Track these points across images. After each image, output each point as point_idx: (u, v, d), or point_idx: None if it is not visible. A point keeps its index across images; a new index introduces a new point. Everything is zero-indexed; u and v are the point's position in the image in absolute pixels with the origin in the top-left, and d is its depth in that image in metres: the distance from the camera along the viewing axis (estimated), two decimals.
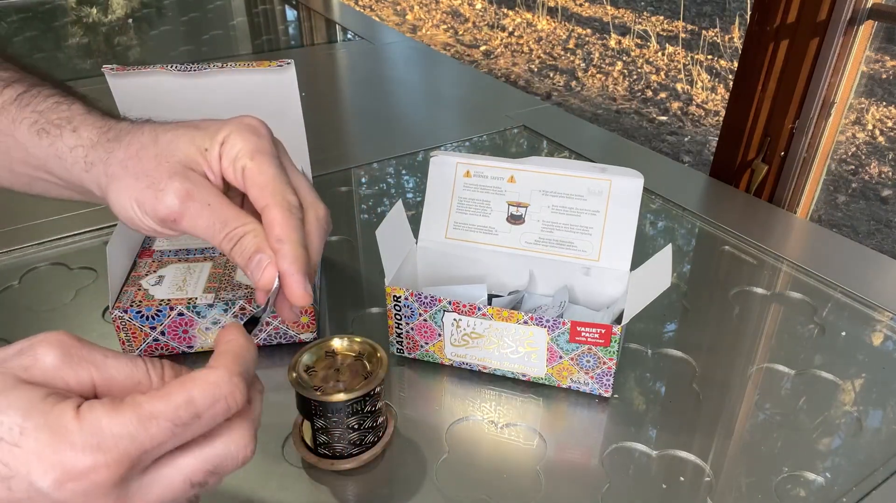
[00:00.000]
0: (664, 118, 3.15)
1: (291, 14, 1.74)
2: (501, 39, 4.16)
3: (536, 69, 3.74)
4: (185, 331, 0.59)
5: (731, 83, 0.96)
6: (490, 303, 0.64)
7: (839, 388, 0.61)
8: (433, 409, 0.58)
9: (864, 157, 2.73)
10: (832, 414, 0.58)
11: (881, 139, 2.84)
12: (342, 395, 0.47)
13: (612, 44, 4.02)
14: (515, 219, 0.64)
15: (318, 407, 0.48)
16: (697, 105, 3.25)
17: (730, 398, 0.59)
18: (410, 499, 0.50)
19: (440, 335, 0.59)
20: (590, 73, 3.65)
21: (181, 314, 0.58)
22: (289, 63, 0.63)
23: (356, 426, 0.49)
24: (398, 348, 0.61)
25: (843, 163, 2.68)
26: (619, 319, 0.57)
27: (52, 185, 0.40)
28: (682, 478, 0.52)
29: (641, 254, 0.62)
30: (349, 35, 1.57)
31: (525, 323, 0.55)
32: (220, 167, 0.36)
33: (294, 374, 0.49)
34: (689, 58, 3.76)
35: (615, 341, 0.54)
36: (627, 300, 0.56)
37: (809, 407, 0.59)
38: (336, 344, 0.52)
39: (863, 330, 0.68)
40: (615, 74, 3.63)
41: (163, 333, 0.59)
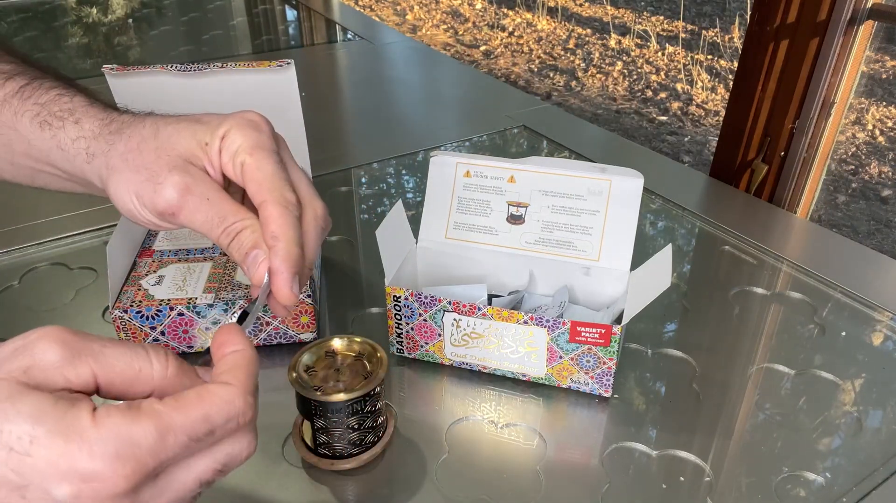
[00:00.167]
0: (664, 118, 3.15)
1: (291, 14, 1.74)
2: (501, 39, 4.16)
3: (536, 69, 3.74)
4: (185, 331, 0.59)
5: (731, 83, 0.96)
6: (490, 303, 0.64)
7: (839, 388, 0.61)
8: (433, 409, 0.58)
9: (864, 157, 2.73)
10: (832, 414, 0.58)
11: (881, 139, 2.84)
12: (342, 395, 0.47)
13: (612, 44, 4.02)
14: (515, 219, 0.64)
15: (318, 407, 0.48)
16: (697, 105, 3.25)
17: (730, 398, 0.59)
18: (410, 499, 0.50)
19: (440, 335, 0.59)
20: (590, 73, 3.65)
21: (181, 314, 0.58)
22: (289, 63, 0.63)
23: (356, 426, 0.49)
24: (398, 348, 0.61)
25: (843, 163, 2.68)
26: (619, 319, 0.57)
27: (55, 178, 0.40)
28: (682, 478, 0.52)
29: (641, 254, 0.62)
30: (349, 35, 1.57)
31: (525, 323, 0.55)
32: (220, 162, 0.36)
33: (294, 374, 0.49)
34: (689, 58, 3.76)
35: (615, 341, 0.54)
36: (627, 300, 0.56)
37: (809, 407, 0.59)
38: (336, 344, 0.52)
39: (863, 330, 0.68)
40: (615, 74, 3.63)
41: (163, 333, 0.59)
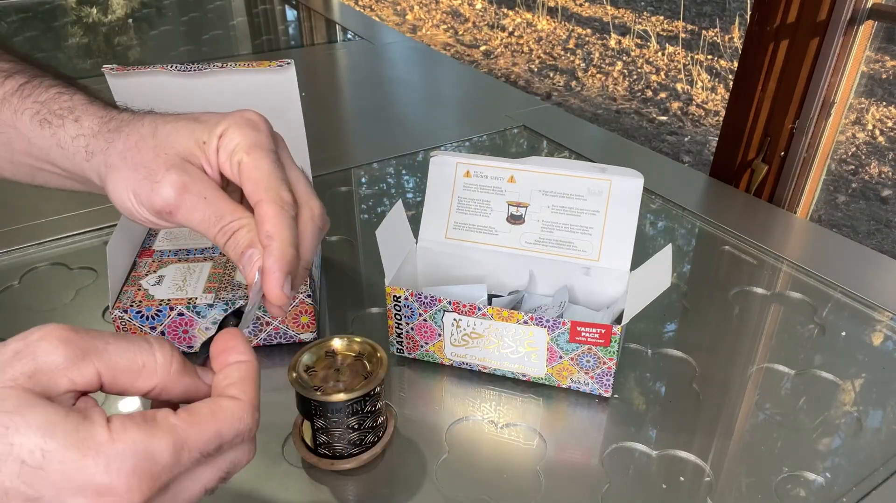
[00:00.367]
0: (664, 118, 3.15)
1: (291, 14, 1.74)
2: (501, 39, 4.16)
3: (536, 69, 3.74)
4: (185, 331, 0.59)
5: (731, 83, 0.96)
6: (490, 303, 0.64)
7: (839, 388, 0.61)
8: (433, 409, 0.58)
9: (864, 157, 2.73)
10: (832, 414, 0.58)
11: (881, 139, 2.84)
12: (342, 395, 0.47)
13: (612, 44, 4.02)
14: (515, 219, 0.64)
15: (318, 407, 0.48)
16: (697, 105, 3.25)
17: (730, 398, 0.59)
18: (410, 499, 0.50)
19: (440, 335, 0.59)
20: (590, 73, 3.65)
21: (181, 314, 0.58)
22: (289, 63, 0.63)
23: (356, 426, 0.49)
24: (398, 348, 0.61)
25: (843, 163, 2.68)
26: (619, 319, 0.57)
27: (55, 176, 0.40)
28: (682, 478, 0.52)
29: (641, 254, 0.62)
30: (349, 35, 1.57)
31: (525, 323, 0.55)
32: (218, 161, 0.36)
33: (294, 374, 0.49)
34: (689, 58, 3.76)
35: (615, 341, 0.54)
36: (627, 300, 0.56)
37: (809, 407, 0.59)
38: (336, 344, 0.52)
39: (863, 330, 0.68)
40: (615, 74, 3.63)
41: (163, 333, 0.59)
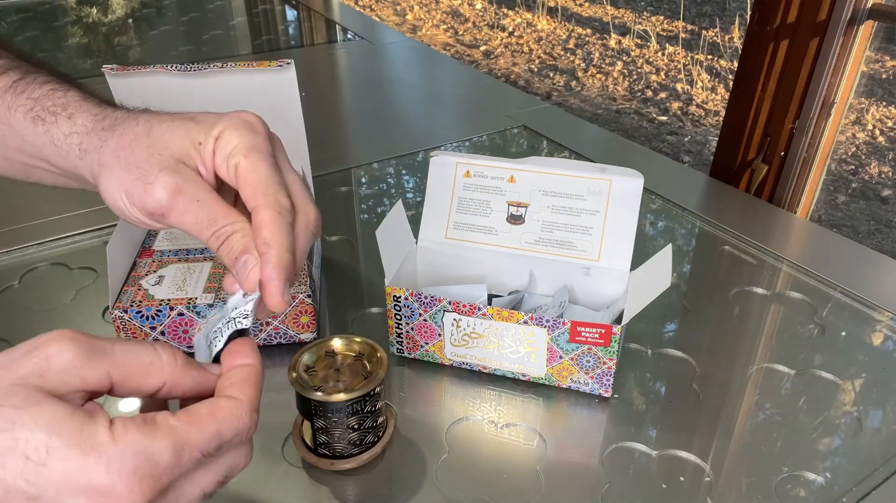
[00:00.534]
0: (664, 118, 3.15)
1: (291, 14, 1.74)
2: (501, 39, 4.16)
3: (536, 69, 3.74)
4: (185, 331, 0.59)
5: (731, 83, 0.96)
6: (490, 303, 0.64)
7: (839, 388, 0.61)
8: (433, 409, 0.58)
9: (864, 157, 2.73)
10: (832, 414, 0.58)
11: (881, 139, 2.84)
12: (342, 395, 0.47)
13: (612, 44, 4.02)
14: (515, 219, 0.64)
15: (318, 407, 0.48)
16: (697, 105, 3.25)
17: (730, 398, 0.59)
18: (410, 499, 0.50)
19: (440, 335, 0.59)
20: (590, 73, 3.65)
21: (181, 314, 0.58)
22: (289, 63, 0.63)
23: (356, 426, 0.49)
24: (398, 348, 0.61)
25: (843, 163, 2.68)
26: (619, 319, 0.57)
27: (49, 174, 0.40)
28: (682, 478, 0.52)
29: (641, 254, 0.62)
30: (349, 35, 1.57)
31: (525, 323, 0.55)
32: (214, 163, 0.36)
33: (294, 374, 0.49)
34: (689, 58, 3.76)
35: (615, 341, 0.54)
36: (627, 300, 0.56)
37: (809, 407, 0.59)
38: (336, 344, 0.52)
39: (863, 330, 0.68)
40: (615, 74, 3.63)
41: (163, 333, 0.59)
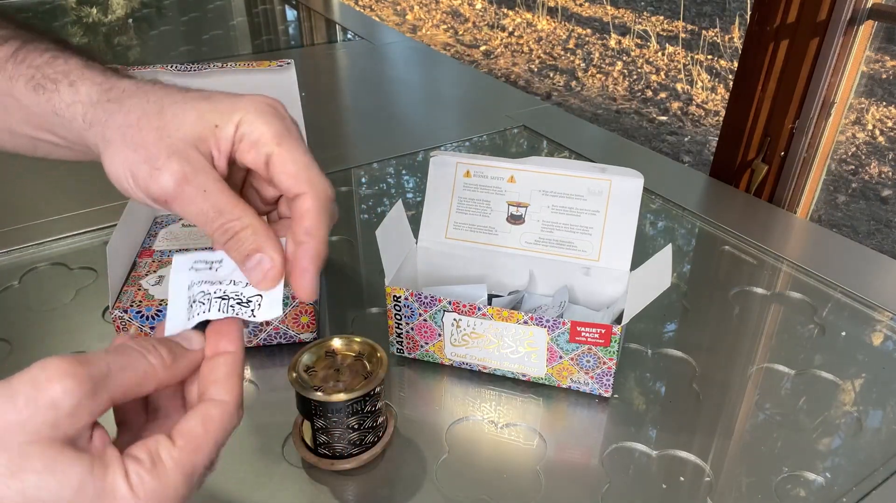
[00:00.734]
0: (664, 118, 3.15)
1: (291, 14, 1.74)
2: (501, 39, 4.16)
3: (536, 69, 3.74)
4: None
5: (731, 83, 0.96)
6: (490, 303, 0.64)
7: (839, 388, 0.61)
8: (433, 409, 0.58)
9: (864, 157, 2.72)
10: (832, 414, 0.58)
11: (881, 139, 2.84)
12: (342, 395, 0.47)
13: (612, 44, 4.02)
14: (515, 219, 0.64)
15: (318, 407, 0.48)
16: (697, 105, 3.25)
17: (730, 398, 0.59)
18: (410, 499, 0.50)
19: (440, 335, 0.59)
20: (590, 73, 3.65)
21: None
22: (289, 63, 0.63)
23: (356, 426, 0.49)
24: (398, 348, 0.61)
25: (843, 163, 2.68)
26: (619, 319, 0.57)
27: (55, 147, 0.39)
28: (682, 478, 0.52)
29: (641, 254, 0.62)
30: (349, 35, 1.57)
31: (525, 323, 0.55)
32: (233, 148, 0.35)
33: (294, 374, 0.49)
34: (689, 58, 3.76)
35: (615, 341, 0.54)
36: (627, 300, 0.56)
37: (809, 407, 0.59)
38: (336, 344, 0.52)
39: (863, 330, 0.68)
40: (615, 74, 3.63)
41: None
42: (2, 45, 0.37)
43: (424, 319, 0.58)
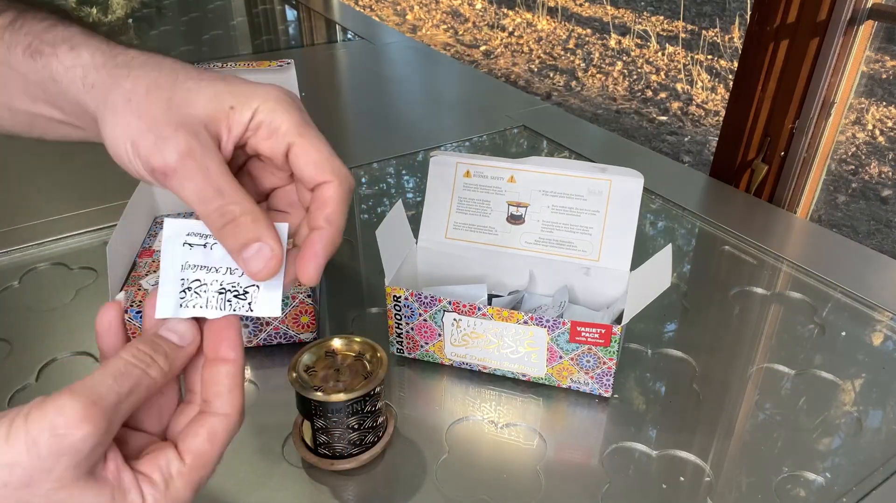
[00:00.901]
0: (664, 118, 3.15)
1: (291, 14, 1.74)
2: (501, 39, 4.16)
3: (536, 69, 3.74)
4: None
5: (731, 83, 0.96)
6: (490, 303, 0.64)
7: (839, 388, 0.61)
8: (433, 409, 0.58)
9: (864, 157, 2.72)
10: (832, 414, 0.58)
11: (881, 139, 2.84)
12: (342, 395, 0.47)
13: (612, 44, 4.02)
14: (515, 219, 0.64)
15: (318, 407, 0.48)
16: (697, 105, 3.25)
17: (730, 398, 0.59)
18: (410, 499, 0.50)
19: (440, 335, 0.59)
20: (590, 73, 3.65)
21: None
22: (289, 63, 0.63)
23: (356, 426, 0.49)
24: (398, 348, 0.61)
25: (843, 163, 2.68)
26: (619, 319, 0.57)
27: (52, 122, 0.38)
28: (682, 478, 0.52)
29: (641, 254, 0.62)
30: (349, 35, 1.57)
31: (525, 323, 0.55)
32: (245, 134, 0.34)
33: (294, 374, 0.49)
34: (689, 58, 3.76)
35: (615, 341, 0.54)
36: (627, 300, 0.56)
37: (809, 407, 0.59)
38: (336, 344, 0.52)
39: (863, 330, 0.68)
40: (615, 74, 3.63)
41: None
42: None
43: (424, 319, 0.58)
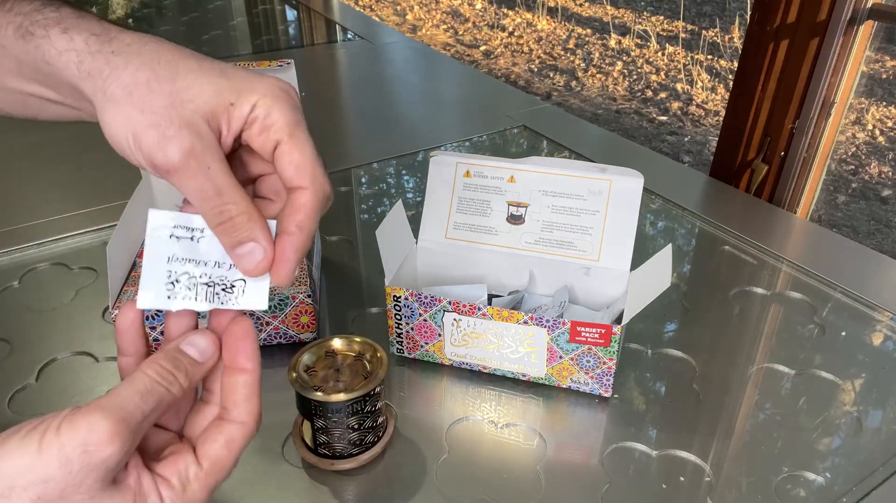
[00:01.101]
0: (664, 118, 3.15)
1: (291, 14, 1.74)
2: (501, 39, 4.16)
3: (536, 69, 3.74)
4: None
5: (731, 83, 0.96)
6: (490, 303, 0.64)
7: (839, 388, 0.61)
8: (433, 409, 0.58)
9: (864, 157, 2.73)
10: (832, 414, 0.58)
11: (881, 139, 2.84)
12: (342, 395, 0.47)
13: (612, 44, 4.02)
14: (515, 219, 0.64)
15: (318, 407, 0.48)
16: (697, 105, 3.25)
17: (730, 398, 0.59)
18: (410, 499, 0.50)
19: (440, 335, 0.59)
20: (590, 73, 3.65)
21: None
22: (289, 63, 0.63)
23: (356, 426, 0.49)
24: (398, 348, 0.61)
25: (843, 163, 2.68)
26: (619, 319, 0.57)
27: (46, 103, 0.37)
28: (682, 478, 0.52)
29: (641, 254, 0.62)
30: (349, 35, 1.57)
31: (525, 323, 0.55)
32: (243, 129, 0.34)
33: (294, 374, 0.49)
34: (689, 58, 3.76)
35: (615, 341, 0.54)
36: (627, 300, 0.56)
37: (809, 407, 0.59)
38: (336, 344, 0.52)
39: (863, 330, 0.68)
40: (615, 74, 3.63)
41: (162, 333, 0.59)
42: None
43: (424, 319, 0.58)
